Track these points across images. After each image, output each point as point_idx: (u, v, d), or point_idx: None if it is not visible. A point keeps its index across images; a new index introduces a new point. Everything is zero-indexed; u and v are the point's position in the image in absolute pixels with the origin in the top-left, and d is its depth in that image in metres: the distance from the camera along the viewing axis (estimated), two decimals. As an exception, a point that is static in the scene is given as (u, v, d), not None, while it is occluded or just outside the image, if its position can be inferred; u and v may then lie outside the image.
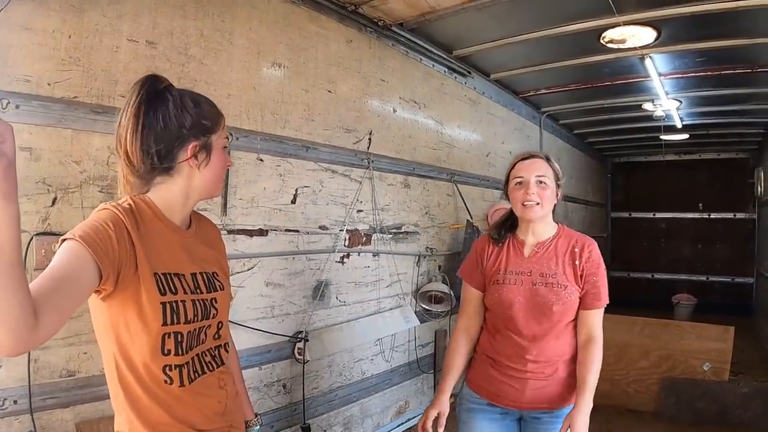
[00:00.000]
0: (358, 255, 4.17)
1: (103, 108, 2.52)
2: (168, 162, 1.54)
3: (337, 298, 3.95)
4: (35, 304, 1.10)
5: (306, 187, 3.66)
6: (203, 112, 1.58)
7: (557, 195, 2.39)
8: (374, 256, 4.33)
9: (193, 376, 1.54)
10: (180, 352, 1.50)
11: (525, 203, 2.31)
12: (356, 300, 4.15)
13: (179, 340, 1.50)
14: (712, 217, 10.91)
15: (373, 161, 4.22)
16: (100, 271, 1.32)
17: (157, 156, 1.52)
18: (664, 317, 5.60)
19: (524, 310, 2.28)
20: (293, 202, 3.56)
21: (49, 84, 2.36)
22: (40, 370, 2.33)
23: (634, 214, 11.81)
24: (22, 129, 2.26)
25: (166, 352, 1.47)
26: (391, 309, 4.46)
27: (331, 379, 3.95)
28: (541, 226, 2.39)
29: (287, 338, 3.53)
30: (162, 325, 1.46)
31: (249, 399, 2.01)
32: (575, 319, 2.34)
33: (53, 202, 2.37)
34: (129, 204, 1.50)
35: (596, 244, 2.42)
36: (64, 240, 1.34)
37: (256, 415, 2.00)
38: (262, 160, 3.33)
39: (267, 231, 3.38)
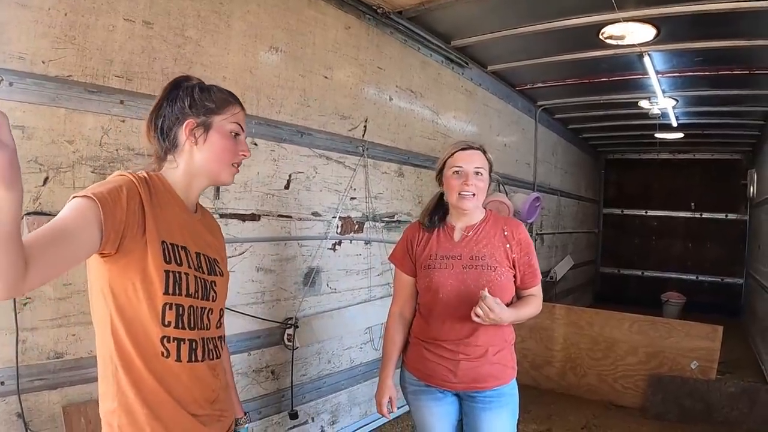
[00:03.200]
0: (350, 242, 4.16)
1: (98, 87, 2.51)
2: (171, 140, 1.63)
3: (327, 285, 3.95)
4: (28, 253, 1.13)
5: (300, 172, 3.64)
6: (209, 95, 1.65)
7: (489, 185, 2.47)
8: (366, 244, 4.33)
9: (194, 357, 1.56)
10: (180, 325, 1.52)
11: (462, 193, 2.36)
12: (347, 287, 4.15)
13: (180, 312, 1.51)
14: (703, 216, 10.99)
15: (367, 149, 4.21)
16: (102, 232, 1.33)
17: (161, 133, 1.63)
18: (652, 315, 5.62)
19: (455, 293, 2.35)
20: (286, 187, 3.55)
21: (43, 62, 2.33)
22: (27, 351, 2.32)
23: (626, 211, 11.88)
24: (15, 107, 2.24)
25: (166, 323, 1.49)
26: (381, 297, 4.46)
27: (320, 367, 3.95)
28: (472, 212, 2.46)
29: (277, 324, 3.52)
30: (164, 294, 1.47)
31: (238, 396, 2.02)
32: (509, 302, 2.40)
33: (45, 182, 2.35)
34: (144, 175, 1.55)
35: (523, 225, 2.55)
36: (74, 197, 1.35)
37: (245, 414, 2.02)
38: (256, 144, 3.31)
39: (259, 216, 3.36)
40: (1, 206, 1.01)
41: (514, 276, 2.42)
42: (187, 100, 1.62)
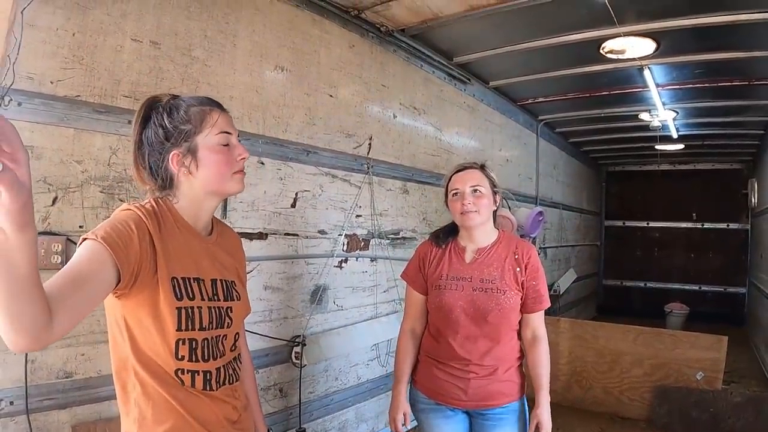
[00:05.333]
0: (356, 260, 4.16)
1: (106, 107, 2.52)
2: (164, 177, 1.58)
3: (334, 302, 3.95)
4: (50, 302, 1.11)
5: (306, 191, 3.65)
6: (182, 116, 1.56)
7: (495, 201, 2.49)
8: (372, 261, 4.32)
9: (208, 387, 1.54)
10: (194, 359, 1.50)
11: (462, 212, 2.40)
12: (353, 305, 4.15)
13: (194, 347, 1.49)
14: (705, 227, 10.98)
15: (372, 166, 4.22)
16: (119, 273, 1.32)
17: (156, 173, 1.58)
18: (656, 326, 5.62)
19: (465, 314, 2.38)
20: (293, 206, 3.56)
21: (51, 82, 2.35)
22: (37, 371, 2.32)
23: (627, 223, 11.87)
24: (24, 127, 2.24)
25: (179, 357, 1.47)
26: (387, 314, 4.46)
27: (327, 384, 3.93)
28: (482, 233, 2.49)
29: (285, 342, 3.52)
30: (176, 330, 1.45)
31: (262, 411, 1.99)
32: (518, 322, 2.46)
33: (53, 202, 2.35)
34: (152, 206, 1.52)
35: (535, 249, 2.55)
36: (85, 239, 1.33)
37: (269, 429, 1.99)
38: (263, 163, 3.32)
39: (267, 234, 3.37)
40: (16, 248, 0.99)
41: (521, 298, 2.43)
42: (161, 132, 1.55)
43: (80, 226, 2.41)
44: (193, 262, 1.55)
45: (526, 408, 2.48)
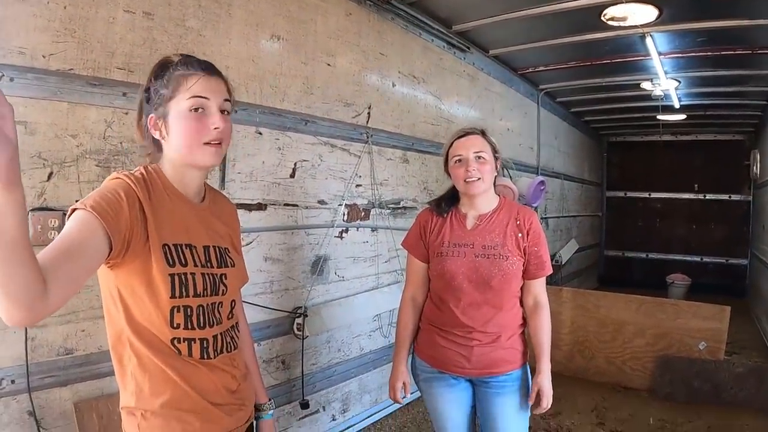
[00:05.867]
0: (357, 230, 4.16)
1: (100, 80, 2.49)
2: (151, 139, 1.56)
3: (335, 273, 3.95)
4: (44, 273, 1.09)
5: (305, 161, 3.63)
6: (163, 81, 1.51)
7: (496, 167, 2.46)
8: (373, 231, 4.32)
9: (206, 355, 1.52)
10: (190, 326, 1.48)
11: (467, 180, 2.37)
12: (355, 275, 4.15)
13: (189, 314, 1.47)
14: (707, 198, 10.97)
15: (372, 135, 4.19)
16: (110, 242, 1.30)
17: (145, 129, 1.55)
18: (658, 297, 5.61)
19: (467, 281, 2.36)
20: (292, 176, 3.53)
21: (44, 56, 2.31)
22: (37, 348, 2.32)
23: (629, 194, 11.84)
24: (17, 102, 2.21)
25: (175, 325, 1.46)
26: (389, 284, 4.46)
27: (330, 355, 3.95)
28: (484, 199, 2.46)
29: (286, 314, 3.52)
30: (170, 298, 1.43)
31: (262, 381, 1.96)
32: (519, 289, 2.46)
33: (49, 177, 2.33)
34: (141, 173, 1.50)
35: (536, 215, 2.54)
36: (75, 210, 1.32)
37: (270, 399, 1.95)
38: (260, 133, 3.29)
39: (266, 205, 3.35)
40: (3, 209, 0.96)
41: (523, 264, 2.42)
42: (145, 95, 1.54)
43: (76, 201, 2.39)
44: (185, 229, 1.53)
45: (529, 375, 2.48)
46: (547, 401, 2.39)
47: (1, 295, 1.03)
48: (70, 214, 1.32)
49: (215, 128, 1.50)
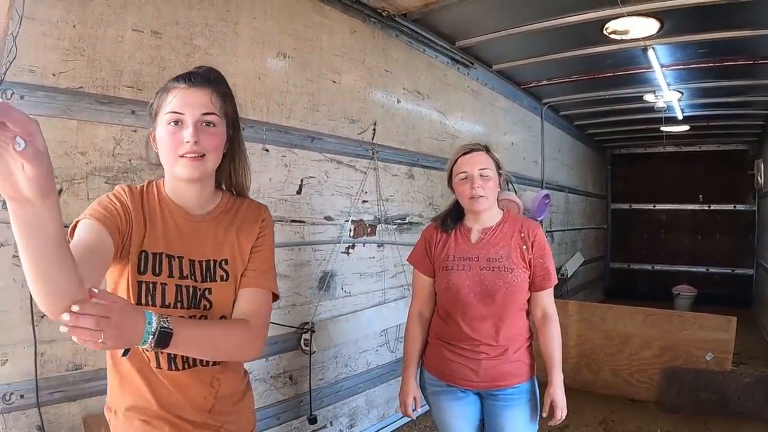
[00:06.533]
0: (363, 245, 4.16)
1: (109, 98, 2.52)
2: (155, 154, 1.60)
3: (342, 288, 3.95)
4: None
5: (311, 177, 3.65)
6: (159, 97, 1.55)
7: (500, 184, 2.49)
8: (379, 246, 4.33)
9: (173, 366, 1.53)
10: None
11: (472, 197, 2.39)
12: (361, 291, 4.15)
13: None
14: (712, 208, 10.92)
15: (377, 152, 4.22)
16: (114, 241, 1.39)
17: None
18: (664, 308, 5.60)
19: (473, 294, 2.38)
20: (299, 192, 3.55)
21: (53, 74, 2.34)
22: (46, 363, 2.33)
23: (634, 206, 11.80)
24: (28, 120, 2.24)
25: None
26: (395, 300, 4.46)
27: (337, 370, 3.95)
28: (488, 214, 2.49)
29: (294, 329, 3.53)
30: (137, 304, 1.46)
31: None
32: (526, 302, 2.47)
33: (59, 194, 2.33)
34: (140, 186, 1.58)
35: (540, 227, 2.56)
36: (77, 222, 1.40)
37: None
38: (267, 150, 3.32)
39: (273, 222, 3.35)
40: (45, 214, 1.01)
41: (529, 277, 2.43)
42: (149, 111, 1.59)
43: (82, 219, 2.43)
44: (174, 240, 1.55)
45: (537, 388, 2.49)
46: (561, 413, 2.41)
47: (50, 292, 1.10)
48: (72, 228, 1.39)
49: (186, 141, 1.48)
